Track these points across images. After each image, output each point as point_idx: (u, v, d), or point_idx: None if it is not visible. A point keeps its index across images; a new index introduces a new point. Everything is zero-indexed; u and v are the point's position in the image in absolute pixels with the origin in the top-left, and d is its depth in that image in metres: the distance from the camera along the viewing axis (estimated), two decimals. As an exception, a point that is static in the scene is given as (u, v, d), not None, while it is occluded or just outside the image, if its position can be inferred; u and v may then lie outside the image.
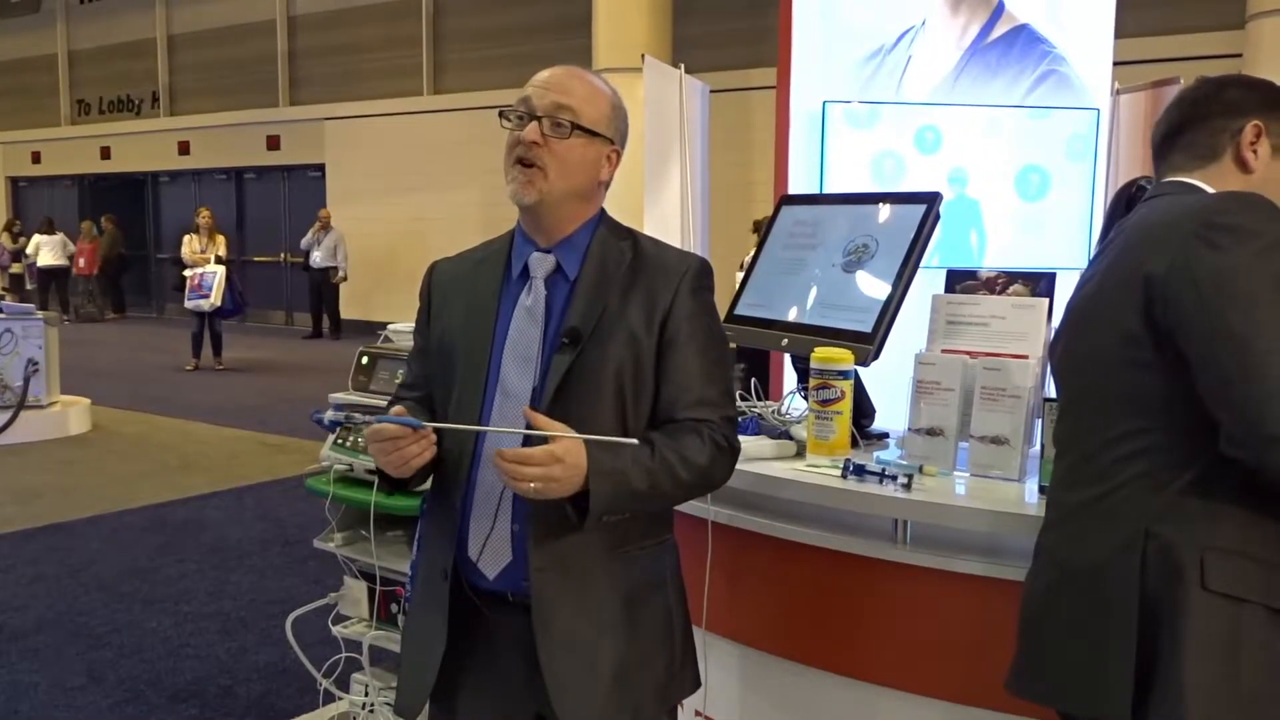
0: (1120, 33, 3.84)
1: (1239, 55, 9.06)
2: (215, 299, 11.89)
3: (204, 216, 12.57)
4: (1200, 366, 1.55)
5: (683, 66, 4.45)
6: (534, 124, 1.75)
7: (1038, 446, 2.23)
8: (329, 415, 1.67)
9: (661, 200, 4.39)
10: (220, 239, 12.37)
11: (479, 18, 15.93)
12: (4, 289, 17.79)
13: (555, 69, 1.82)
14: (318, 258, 15.73)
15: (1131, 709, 1.59)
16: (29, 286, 18.58)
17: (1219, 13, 10.00)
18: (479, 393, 1.81)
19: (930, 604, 2.17)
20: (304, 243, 15.98)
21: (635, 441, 1.65)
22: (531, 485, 1.59)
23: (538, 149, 1.75)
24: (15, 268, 18.91)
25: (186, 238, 12.45)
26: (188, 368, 12.52)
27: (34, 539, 5.83)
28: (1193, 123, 1.81)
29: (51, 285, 18.83)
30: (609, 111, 1.83)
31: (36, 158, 22.50)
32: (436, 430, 1.74)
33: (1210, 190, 1.74)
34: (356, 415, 1.71)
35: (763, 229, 2.97)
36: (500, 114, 1.80)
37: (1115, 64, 3.86)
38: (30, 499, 6.71)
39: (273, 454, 8.10)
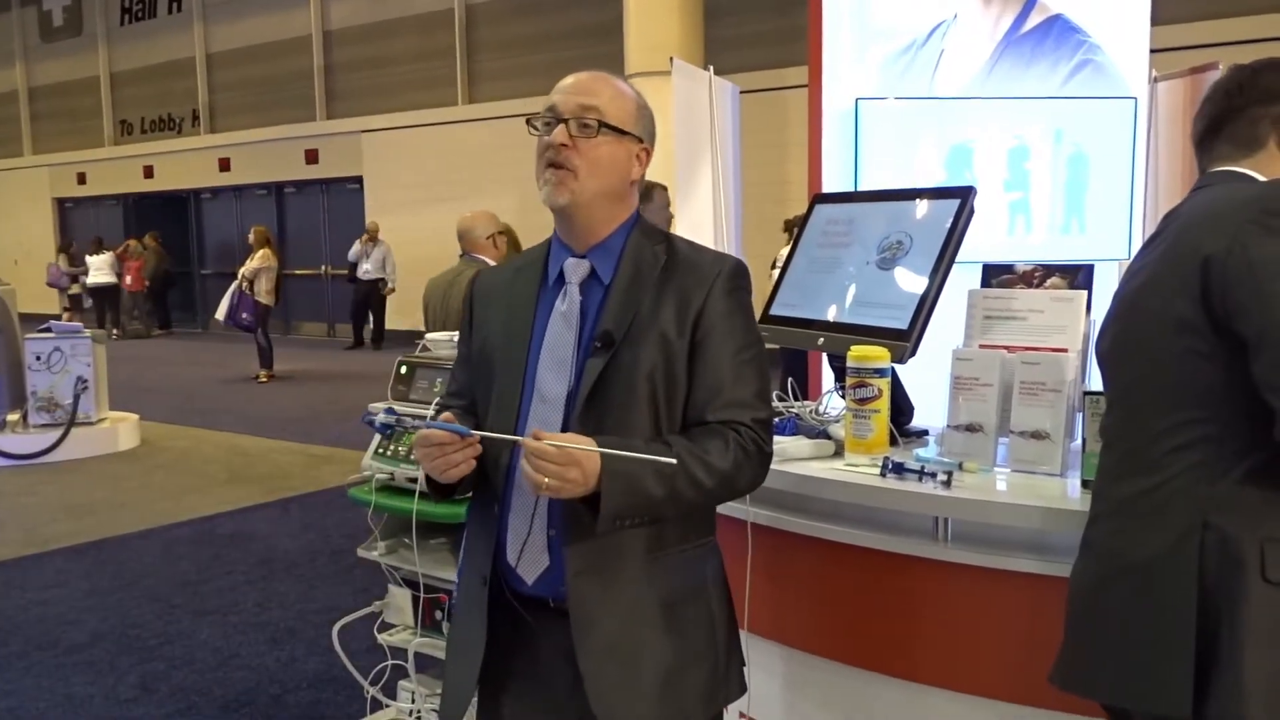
0: (1157, 19, 3.79)
1: (1281, 38, 8.91)
2: (219, 312, 12.46)
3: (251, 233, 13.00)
4: (1255, 352, 1.53)
5: (711, 68, 4.44)
6: (561, 126, 1.77)
7: (1079, 441, 2.20)
8: (380, 417, 1.69)
9: (694, 202, 4.39)
10: (259, 254, 12.46)
11: (511, 26, 16.02)
12: (65, 309, 18.18)
13: (579, 74, 1.83)
14: (367, 269, 15.90)
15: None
16: (87, 305, 18.99)
17: (1258, -5, 9.85)
18: (516, 397, 1.82)
19: (972, 601, 2.15)
20: (352, 254, 16.16)
21: (673, 461, 1.63)
22: (546, 481, 1.59)
23: (567, 151, 1.76)
24: (74, 288, 19.31)
25: None
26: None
27: (86, 554, 5.93)
28: (1231, 114, 1.79)
29: (105, 303, 19.19)
30: (634, 111, 1.84)
31: (82, 179, 22.91)
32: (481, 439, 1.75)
33: (1261, 178, 1.73)
34: (408, 419, 1.71)
35: (796, 228, 2.96)
36: (528, 122, 1.82)
37: (1153, 51, 3.80)
38: (82, 514, 6.83)
39: (318, 465, 8.18)
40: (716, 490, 1.76)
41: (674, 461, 1.63)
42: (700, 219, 4.41)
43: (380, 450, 3.27)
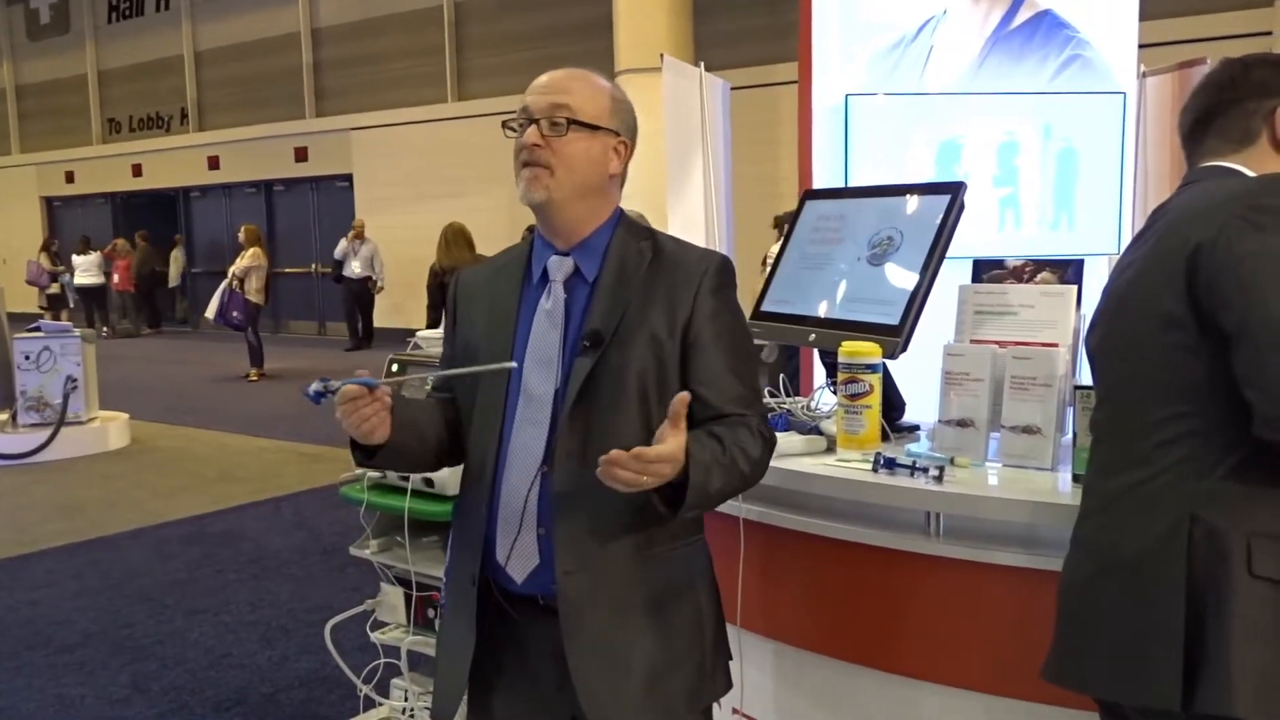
0: (1145, 15, 3.79)
1: (1269, 34, 8.94)
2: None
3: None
4: (1234, 346, 1.53)
5: (702, 65, 4.44)
6: (533, 127, 1.77)
7: (1070, 435, 2.21)
8: (313, 387, 1.67)
9: (685, 199, 4.40)
10: (249, 252, 12.40)
11: (500, 24, 15.98)
12: (42, 308, 18.09)
13: (553, 73, 1.83)
14: (355, 268, 15.77)
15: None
16: (71, 306, 18.90)
17: (1246, -9, 9.86)
18: (502, 396, 1.82)
19: (964, 596, 2.15)
20: (338, 252, 15.92)
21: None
22: (645, 480, 1.57)
23: (539, 150, 1.77)
24: (53, 288, 19.20)
25: None
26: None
27: (77, 553, 5.92)
28: (1223, 107, 1.78)
29: (92, 303, 19.11)
30: (609, 105, 1.83)
31: (70, 177, 22.81)
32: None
33: (1250, 174, 1.72)
34: (334, 383, 1.68)
35: (785, 225, 2.96)
36: (504, 124, 1.83)
37: (1141, 46, 3.81)
38: (73, 514, 6.81)
39: (309, 463, 8.17)
40: (750, 478, 1.77)
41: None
42: (691, 215, 4.41)
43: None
